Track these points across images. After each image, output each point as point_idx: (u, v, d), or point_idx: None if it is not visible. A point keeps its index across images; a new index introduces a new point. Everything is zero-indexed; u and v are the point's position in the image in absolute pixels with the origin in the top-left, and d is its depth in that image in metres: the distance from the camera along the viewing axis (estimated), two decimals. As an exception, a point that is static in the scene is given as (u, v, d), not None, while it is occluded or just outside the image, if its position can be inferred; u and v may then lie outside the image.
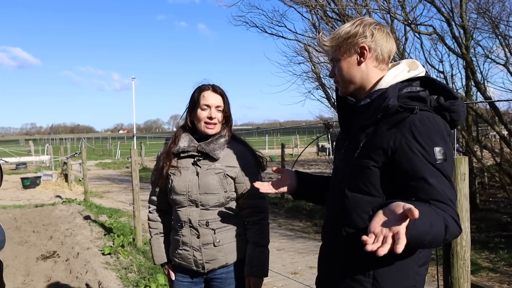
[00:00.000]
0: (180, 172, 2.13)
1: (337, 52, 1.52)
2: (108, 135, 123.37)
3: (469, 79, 7.85)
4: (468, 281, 1.62)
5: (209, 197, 2.09)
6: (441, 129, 1.34)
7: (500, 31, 7.40)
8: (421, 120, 1.34)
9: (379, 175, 1.39)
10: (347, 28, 1.50)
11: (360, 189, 1.42)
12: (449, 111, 1.38)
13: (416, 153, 1.32)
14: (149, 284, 4.38)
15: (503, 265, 5.24)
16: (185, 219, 2.11)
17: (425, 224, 1.18)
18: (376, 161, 1.39)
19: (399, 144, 1.34)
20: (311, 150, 27.83)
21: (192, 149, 2.13)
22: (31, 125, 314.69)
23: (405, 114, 1.37)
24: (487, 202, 9.00)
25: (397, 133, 1.36)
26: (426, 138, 1.32)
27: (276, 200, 10.49)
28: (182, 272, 2.21)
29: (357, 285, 1.42)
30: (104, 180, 17.31)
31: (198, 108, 2.13)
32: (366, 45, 1.47)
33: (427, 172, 1.30)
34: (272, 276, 5.01)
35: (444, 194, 1.29)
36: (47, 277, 4.96)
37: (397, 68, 1.49)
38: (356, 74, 1.50)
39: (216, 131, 2.16)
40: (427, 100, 1.39)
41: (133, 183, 6.46)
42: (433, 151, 1.31)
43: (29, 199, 11.72)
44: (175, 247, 2.18)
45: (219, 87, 2.19)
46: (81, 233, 7.04)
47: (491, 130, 8.80)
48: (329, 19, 7.66)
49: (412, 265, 1.40)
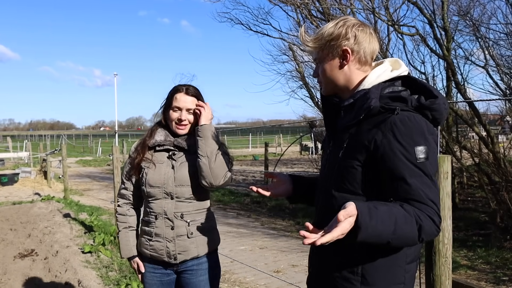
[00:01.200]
0: (154, 165, 2.20)
1: (320, 54, 1.52)
2: (89, 132, 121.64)
3: (449, 80, 7.98)
4: (450, 278, 1.64)
5: (184, 189, 2.16)
6: (422, 129, 1.35)
7: (481, 33, 7.55)
8: (402, 120, 1.35)
9: (363, 175, 1.39)
10: (330, 29, 1.49)
11: (347, 188, 1.42)
12: (430, 110, 1.39)
13: (397, 153, 1.33)
14: (130, 283, 4.32)
15: (480, 263, 5.35)
16: (159, 211, 2.17)
17: (385, 225, 1.22)
18: (360, 161, 1.40)
19: (380, 144, 1.35)
20: (294, 149, 27.92)
21: (168, 143, 2.22)
22: (9, 121, 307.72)
23: (387, 114, 1.38)
24: (465, 202, 9.18)
25: (378, 133, 1.36)
26: (407, 137, 1.33)
27: (259, 199, 10.50)
28: (153, 263, 2.25)
29: (346, 283, 1.43)
30: (85, 178, 17.06)
31: (170, 109, 2.22)
32: (349, 48, 1.46)
33: (407, 171, 1.31)
34: (254, 275, 5.00)
35: (424, 193, 1.30)
36: (25, 276, 4.85)
37: (380, 68, 1.49)
38: (339, 76, 1.50)
39: (186, 131, 2.24)
40: (408, 100, 1.40)
41: (114, 181, 6.36)
42: (414, 151, 1.32)
43: (7, 196, 11.46)
44: (147, 238, 2.22)
45: (193, 88, 2.25)
46: (61, 231, 6.91)
47: (471, 131, 8.96)
48: (314, 18, 7.69)
49: (399, 262, 1.41)
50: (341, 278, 1.44)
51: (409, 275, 1.44)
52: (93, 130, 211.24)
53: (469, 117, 8.00)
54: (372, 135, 1.37)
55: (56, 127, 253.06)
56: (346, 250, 1.41)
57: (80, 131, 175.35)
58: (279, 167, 17.37)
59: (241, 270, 5.21)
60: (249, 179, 15.16)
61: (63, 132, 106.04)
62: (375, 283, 1.40)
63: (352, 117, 1.45)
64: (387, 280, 1.40)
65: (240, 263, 5.34)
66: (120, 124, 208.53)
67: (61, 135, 49.57)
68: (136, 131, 61.59)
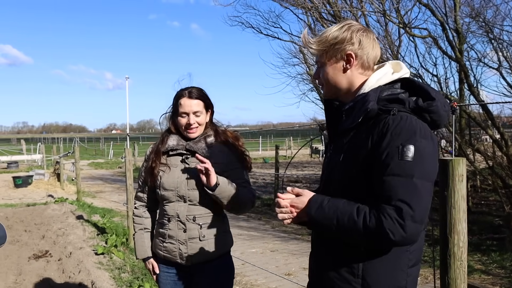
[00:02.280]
0: (169, 169, 2.23)
1: (323, 56, 1.52)
2: (101, 135, 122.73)
3: (462, 82, 7.91)
4: (465, 281, 1.63)
5: (196, 193, 2.17)
6: (414, 129, 1.33)
7: (494, 35, 7.47)
8: (394, 119, 1.36)
9: (362, 178, 1.39)
10: (335, 33, 1.49)
11: (347, 192, 1.43)
12: (427, 112, 1.39)
13: (381, 149, 1.34)
14: (142, 284, 4.36)
15: (495, 267, 5.29)
16: (172, 213, 2.20)
17: (328, 215, 1.37)
18: (359, 164, 1.40)
19: (375, 144, 1.36)
20: (305, 152, 27.86)
21: (180, 147, 2.24)
22: (22, 124, 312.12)
23: (384, 116, 1.39)
24: (479, 205, 9.07)
25: (373, 134, 1.38)
26: (395, 136, 1.33)
27: (270, 202, 10.49)
28: (166, 264, 2.29)
29: (347, 285, 1.43)
30: (97, 180, 17.21)
31: (178, 116, 2.23)
32: (353, 53, 1.47)
33: (385, 169, 1.31)
34: (266, 277, 5.01)
35: (394, 193, 1.28)
36: (39, 277, 4.92)
37: (380, 72, 1.49)
38: (342, 80, 1.51)
39: (198, 133, 2.25)
40: (406, 101, 1.40)
41: (127, 183, 6.42)
42: (398, 149, 1.30)
43: (21, 198, 11.62)
44: (161, 240, 2.25)
45: (196, 90, 2.24)
46: (74, 233, 6.99)
47: (484, 134, 8.86)
48: (325, 21, 7.69)
49: (401, 266, 1.41)
50: (342, 281, 1.44)
51: (410, 279, 1.43)
52: (105, 133, 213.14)
53: (482, 120, 7.91)
54: (368, 137, 1.39)
55: (69, 129, 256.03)
56: (347, 253, 1.43)
57: (92, 134, 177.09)
58: (289, 169, 17.34)
59: (252, 272, 5.21)
60: (260, 182, 15.16)
61: (76, 135, 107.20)
62: (375, 285, 1.39)
63: (351, 121, 1.45)
64: (388, 283, 1.40)
65: (251, 266, 5.34)
66: (131, 127, 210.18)
67: (73, 138, 50.12)
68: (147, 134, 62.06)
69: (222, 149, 2.25)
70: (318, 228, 1.44)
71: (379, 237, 1.28)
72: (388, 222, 1.26)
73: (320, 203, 1.40)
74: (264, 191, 12.80)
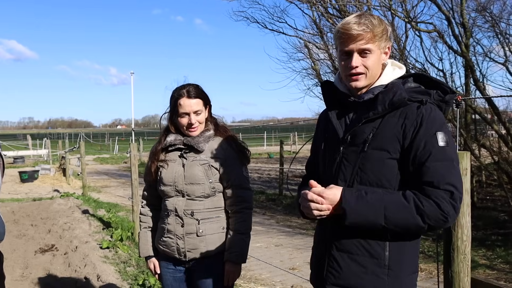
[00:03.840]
0: (167, 165, 2.24)
1: (370, 44, 1.46)
2: (106, 130, 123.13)
3: (468, 77, 7.86)
4: (468, 275, 1.63)
5: (194, 188, 2.17)
6: (442, 119, 1.44)
7: (501, 29, 7.40)
8: (427, 109, 1.42)
9: (392, 167, 1.43)
10: (382, 24, 1.49)
11: (371, 181, 1.44)
12: (446, 103, 1.49)
13: (421, 138, 1.39)
14: (147, 278, 4.38)
15: (500, 262, 5.28)
16: (171, 208, 2.21)
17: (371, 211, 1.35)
18: (390, 153, 1.43)
19: (408, 133, 1.41)
20: (310, 147, 27.79)
21: (178, 142, 2.24)
22: (28, 119, 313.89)
23: (413, 106, 1.44)
24: (484, 201, 9.04)
25: (407, 122, 1.42)
26: (430, 125, 1.40)
27: (274, 197, 10.51)
28: (166, 259, 2.30)
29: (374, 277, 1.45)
30: (102, 175, 17.30)
31: (178, 116, 2.21)
32: (391, 46, 1.56)
33: (429, 156, 1.37)
34: (270, 271, 5.03)
35: (441, 177, 1.34)
36: (46, 270, 4.96)
37: (390, 67, 1.56)
38: (379, 70, 1.53)
39: (200, 131, 2.24)
40: (431, 94, 1.47)
41: (132, 178, 6.45)
42: (436, 137, 1.38)
43: (27, 193, 11.71)
44: (161, 234, 2.27)
45: (194, 88, 2.22)
46: (80, 227, 7.04)
47: (490, 129, 8.81)
48: (330, 15, 7.65)
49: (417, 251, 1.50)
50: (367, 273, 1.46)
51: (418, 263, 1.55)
52: (110, 128, 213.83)
53: (488, 115, 7.86)
54: (401, 126, 1.43)
55: (74, 125, 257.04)
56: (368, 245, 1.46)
57: (97, 129, 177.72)
58: (294, 164, 17.34)
59: (257, 267, 5.23)
60: (264, 177, 15.18)
61: (81, 130, 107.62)
62: (399, 274, 1.45)
63: (379, 109, 1.46)
64: (410, 270, 1.48)
65: (256, 260, 5.36)
66: (136, 122, 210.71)
67: (79, 133, 50.34)
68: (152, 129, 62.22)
69: (221, 143, 2.24)
70: (358, 221, 1.37)
71: (437, 220, 1.34)
72: (445, 205, 1.32)
73: (359, 195, 1.38)
74: (268, 186, 12.82)
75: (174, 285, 2.31)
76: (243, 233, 2.21)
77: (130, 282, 4.51)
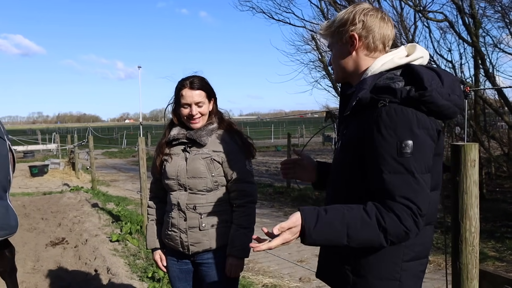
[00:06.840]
0: (171, 158, 2.25)
1: (330, 40, 1.52)
2: (114, 124, 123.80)
3: (478, 68, 7.77)
4: (477, 267, 1.63)
5: (197, 181, 2.18)
6: (409, 122, 1.27)
7: (510, 19, 7.30)
8: (388, 112, 1.29)
9: (354, 172, 1.38)
10: (341, 15, 1.48)
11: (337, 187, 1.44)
12: (422, 102, 1.29)
13: (378, 146, 1.29)
14: (157, 270, 4.42)
15: (509, 254, 5.24)
16: (174, 202, 2.22)
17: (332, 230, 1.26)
18: (353, 154, 1.38)
19: (366, 136, 1.33)
20: (317, 140, 27.74)
21: (181, 136, 2.24)
22: (37, 114, 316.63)
23: (376, 106, 1.33)
24: (493, 192, 8.97)
25: (365, 125, 1.34)
26: (390, 131, 1.27)
27: (282, 189, 10.52)
28: (170, 252, 2.33)
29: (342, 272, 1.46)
30: (111, 169, 17.43)
31: (180, 107, 2.22)
32: (356, 34, 1.43)
33: (385, 166, 1.28)
34: (278, 264, 5.05)
35: (397, 191, 1.26)
36: (57, 263, 5.03)
37: (388, 55, 1.43)
38: (348, 63, 1.48)
39: (202, 124, 2.24)
40: (398, 92, 1.30)
41: (140, 171, 6.50)
42: (396, 145, 1.27)
43: (37, 187, 11.84)
44: (166, 228, 2.29)
45: (198, 80, 2.21)
46: (89, 221, 7.11)
47: (500, 120, 8.72)
48: (338, 5, 7.60)
49: (394, 258, 1.39)
50: (339, 267, 1.47)
51: (407, 274, 1.40)
52: (118, 122, 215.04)
53: (498, 106, 7.78)
54: (361, 127, 1.36)
55: (83, 119, 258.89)
56: None
57: (106, 124, 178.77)
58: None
59: (265, 259, 5.26)
60: (272, 170, 15.18)
61: (90, 124, 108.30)
62: (366, 275, 1.41)
63: (347, 109, 1.43)
64: (379, 274, 1.40)
65: (264, 253, 5.38)
66: (144, 116, 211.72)
67: (87, 128, 50.66)
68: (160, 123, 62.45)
69: (223, 137, 2.23)
70: (318, 241, 1.30)
71: (397, 236, 1.27)
72: (405, 220, 1.25)
73: (318, 213, 1.29)
74: (276, 179, 12.83)
75: (181, 277, 2.33)
76: (246, 228, 2.21)
77: (139, 275, 4.56)
